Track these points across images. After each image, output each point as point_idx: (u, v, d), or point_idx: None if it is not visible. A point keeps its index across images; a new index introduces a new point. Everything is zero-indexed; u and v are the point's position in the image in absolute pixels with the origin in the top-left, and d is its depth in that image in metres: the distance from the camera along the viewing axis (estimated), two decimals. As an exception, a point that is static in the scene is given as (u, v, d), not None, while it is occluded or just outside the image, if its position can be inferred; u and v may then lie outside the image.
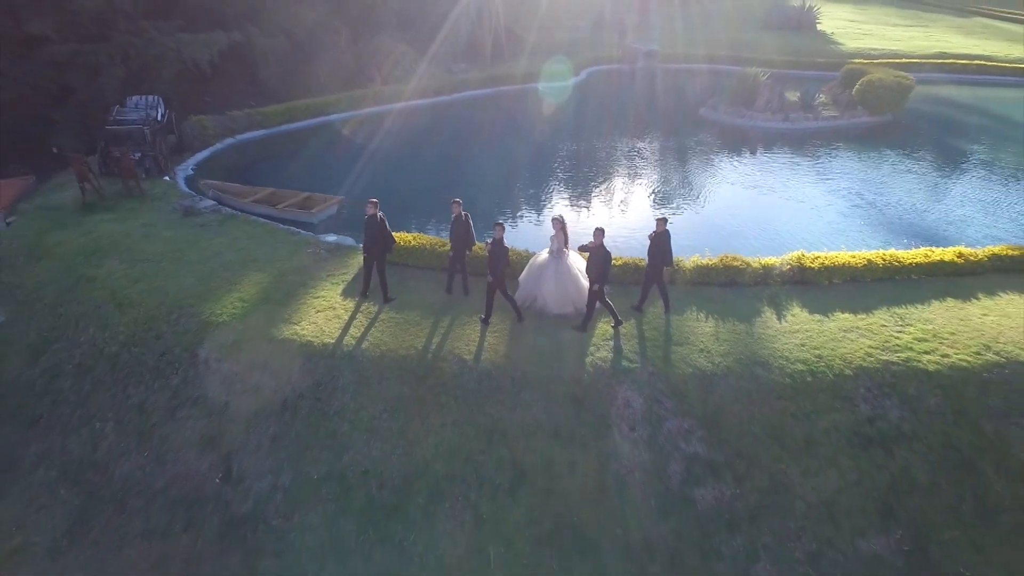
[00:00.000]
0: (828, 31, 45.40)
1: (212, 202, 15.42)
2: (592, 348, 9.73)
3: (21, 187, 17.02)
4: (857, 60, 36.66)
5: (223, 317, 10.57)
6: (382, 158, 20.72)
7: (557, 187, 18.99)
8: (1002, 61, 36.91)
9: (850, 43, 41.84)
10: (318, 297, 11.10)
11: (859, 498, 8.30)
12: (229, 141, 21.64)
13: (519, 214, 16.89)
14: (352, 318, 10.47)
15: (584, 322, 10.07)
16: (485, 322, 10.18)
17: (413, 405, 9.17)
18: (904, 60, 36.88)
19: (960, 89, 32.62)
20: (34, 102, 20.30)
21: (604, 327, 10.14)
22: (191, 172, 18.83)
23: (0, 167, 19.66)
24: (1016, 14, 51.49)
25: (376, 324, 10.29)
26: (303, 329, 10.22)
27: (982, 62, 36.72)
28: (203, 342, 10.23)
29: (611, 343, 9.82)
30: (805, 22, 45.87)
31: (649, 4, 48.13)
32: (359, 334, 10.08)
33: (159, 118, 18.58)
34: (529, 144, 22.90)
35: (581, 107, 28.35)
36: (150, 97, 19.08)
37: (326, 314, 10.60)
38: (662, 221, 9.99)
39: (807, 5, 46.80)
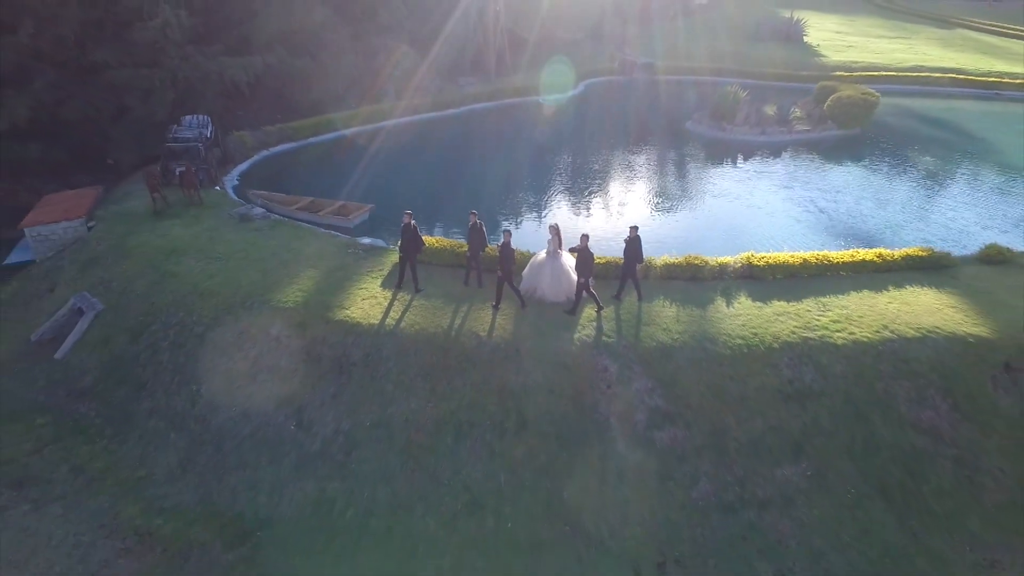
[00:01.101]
0: (814, 43, 47.80)
1: (262, 209, 18.20)
2: (579, 327, 12.49)
3: (94, 196, 19.77)
4: (839, 72, 39.45)
5: (288, 303, 13.36)
6: (399, 168, 23.57)
7: (554, 196, 21.72)
8: (973, 74, 39.43)
9: (834, 55, 44.29)
10: (362, 288, 13.88)
11: (777, 439, 11.03)
12: (264, 153, 24.46)
13: (521, 220, 19.64)
14: (390, 304, 13.24)
15: (573, 308, 12.82)
16: (495, 308, 12.93)
17: (440, 370, 11.94)
18: (882, 73, 39.58)
19: (931, 102, 35.19)
20: (95, 120, 23.13)
21: (589, 311, 12.88)
22: (236, 182, 21.64)
23: (68, 178, 22.57)
24: (995, 26, 54.02)
25: (410, 309, 13.06)
26: (352, 313, 13.00)
27: (954, 75, 39.28)
28: (274, 323, 13.01)
29: (594, 323, 12.57)
30: (793, 34, 48.22)
31: (645, 16, 50.74)
32: (397, 316, 12.85)
33: (209, 135, 21.36)
34: (531, 156, 25.68)
35: (578, 120, 31.10)
36: (200, 116, 21.86)
37: (369, 301, 13.37)
38: (634, 228, 12.74)
39: (795, 18, 49.34)
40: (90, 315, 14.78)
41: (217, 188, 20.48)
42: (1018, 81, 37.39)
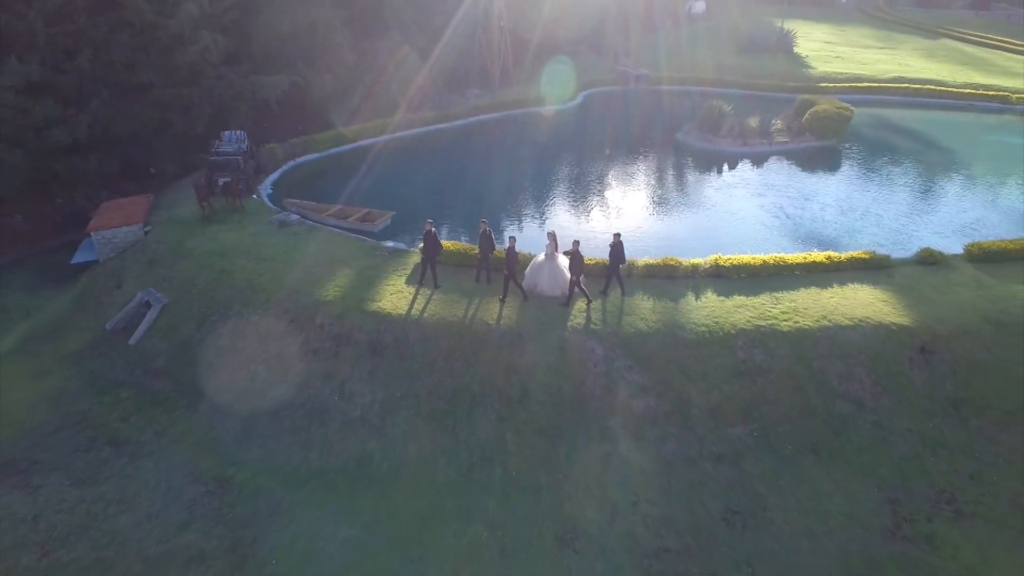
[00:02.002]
0: (803, 54, 50.08)
1: (297, 216, 20.81)
2: (572, 317, 15.05)
3: (147, 203, 22.40)
4: (824, 84, 41.86)
5: (329, 297, 15.96)
6: (413, 177, 26.20)
7: (552, 204, 24.29)
8: (949, 86, 41.63)
9: (821, 66, 46.59)
10: (389, 284, 16.47)
11: (731, 407, 13.57)
12: (291, 163, 27.05)
13: (523, 226, 22.21)
14: (414, 298, 15.83)
15: (567, 301, 15.39)
16: (502, 301, 15.50)
17: (458, 352, 14.52)
18: (865, 84, 41.98)
19: (908, 112, 37.52)
20: (141, 134, 25.79)
21: (580, 304, 15.44)
22: (270, 191, 24.25)
23: (117, 187, 25.25)
24: (979, 36, 56.26)
25: (431, 302, 15.64)
26: (382, 304, 15.60)
27: (932, 86, 41.53)
28: (317, 313, 15.62)
29: (584, 314, 15.13)
30: (783, 46, 50.32)
31: (643, 27, 53.15)
32: (420, 308, 15.44)
33: (245, 148, 23.98)
34: (532, 166, 28.27)
35: (577, 131, 33.64)
36: (238, 132, 24.47)
37: (396, 295, 15.97)
38: (617, 235, 15.30)
39: (784, 29, 51.64)
40: (157, 307, 17.41)
41: (254, 196, 23.09)
42: (990, 93, 39.67)
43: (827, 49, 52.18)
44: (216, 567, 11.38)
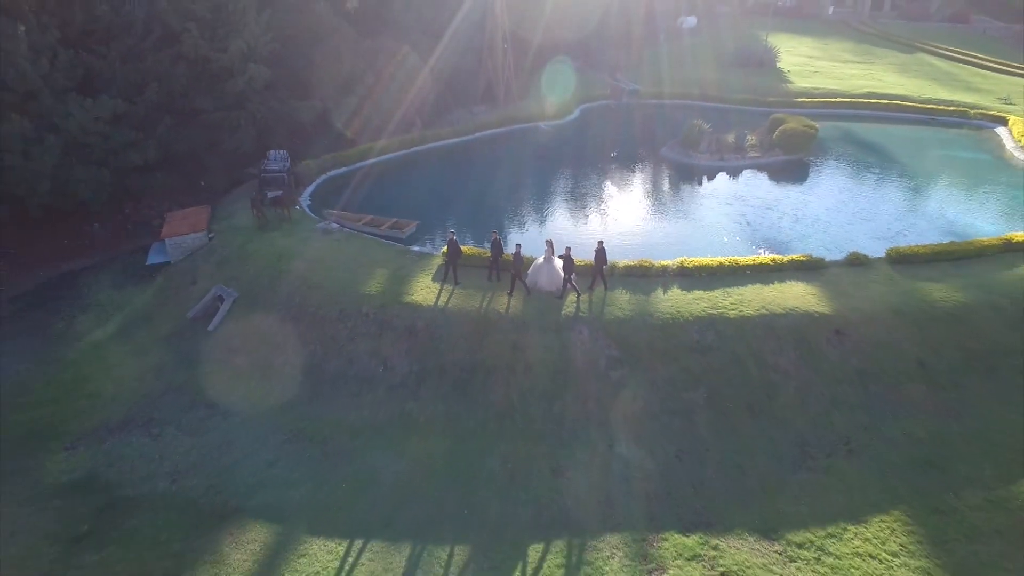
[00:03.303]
0: (785, 69, 53.76)
1: (337, 225, 24.86)
2: (565, 307, 19.09)
3: (207, 213, 26.49)
4: (801, 99, 45.75)
5: (371, 291, 20.03)
6: (430, 188, 30.25)
7: (551, 214, 28.34)
8: (915, 101, 45.33)
9: (800, 81, 50.33)
10: (419, 281, 20.52)
11: (686, 375, 17.59)
12: (323, 177, 31.07)
13: (526, 233, 26.26)
14: (439, 292, 19.86)
15: (561, 294, 19.42)
16: (510, 295, 19.52)
17: (475, 334, 18.57)
18: (838, 100, 45.82)
19: (875, 126, 41.37)
20: (195, 153, 29.87)
21: (571, 297, 19.46)
22: (309, 202, 28.31)
23: (176, 198, 29.32)
24: (950, 50, 60.00)
25: (453, 295, 19.69)
26: (415, 297, 19.65)
27: (900, 101, 45.32)
28: (362, 304, 19.68)
29: (575, 305, 19.16)
30: (766, 61, 53.96)
31: (636, 41, 56.95)
32: (445, 300, 19.49)
33: (288, 166, 28.05)
34: (534, 179, 32.32)
35: (573, 145, 37.59)
36: (281, 151, 28.55)
37: (426, 290, 20.02)
38: (600, 242, 19.32)
39: (769, 44, 55.37)
40: (230, 300, 21.50)
41: (297, 207, 27.15)
42: (951, 108, 43.48)
43: (808, 64, 55.78)
44: (302, 490, 15.46)
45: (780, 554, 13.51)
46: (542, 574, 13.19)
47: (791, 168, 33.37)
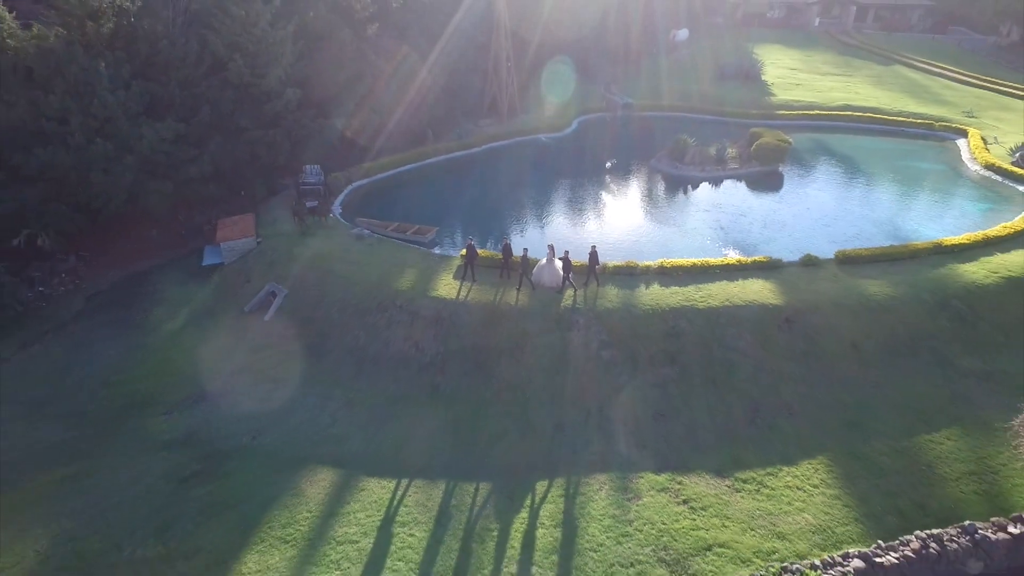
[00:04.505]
0: (769, 81, 57.61)
1: (368, 231, 28.88)
2: (564, 300, 23.11)
3: (254, 220, 30.51)
4: (782, 112, 49.70)
5: (402, 287, 24.07)
6: (445, 196, 34.25)
7: (551, 221, 32.37)
8: (887, 113, 49.20)
9: (782, 94, 54.18)
10: (442, 278, 24.54)
11: (663, 356, 21.61)
12: (351, 187, 35.11)
13: (529, 236, 30.30)
14: (459, 288, 23.88)
15: (561, 290, 23.45)
16: (518, 290, 23.55)
17: (490, 323, 22.59)
18: (815, 112, 49.76)
19: (848, 137, 45.33)
20: (239, 166, 33.84)
21: (569, 292, 23.49)
22: (340, 210, 32.35)
23: (220, 206, 33.27)
24: (924, 63, 63.93)
25: (471, 290, 23.71)
26: (439, 291, 23.68)
27: (872, 114, 49.23)
28: (397, 298, 23.71)
29: (572, 299, 23.18)
30: (752, 74, 57.83)
31: (630, 55, 60.86)
32: (464, 294, 23.52)
33: (322, 178, 32.07)
34: (536, 190, 36.33)
35: (571, 156, 41.61)
36: (315, 166, 32.59)
37: (447, 286, 24.04)
38: (593, 246, 23.35)
39: (755, 57, 59.15)
40: (281, 296, 25.54)
41: (331, 215, 31.18)
42: (918, 121, 47.36)
43: (790, 76, 59.58)
44: (356, 444, 19.49)
45: (729, 487, 17.57)
46: (547, 502, 17.23)
47: (766, 178, 37.38)
